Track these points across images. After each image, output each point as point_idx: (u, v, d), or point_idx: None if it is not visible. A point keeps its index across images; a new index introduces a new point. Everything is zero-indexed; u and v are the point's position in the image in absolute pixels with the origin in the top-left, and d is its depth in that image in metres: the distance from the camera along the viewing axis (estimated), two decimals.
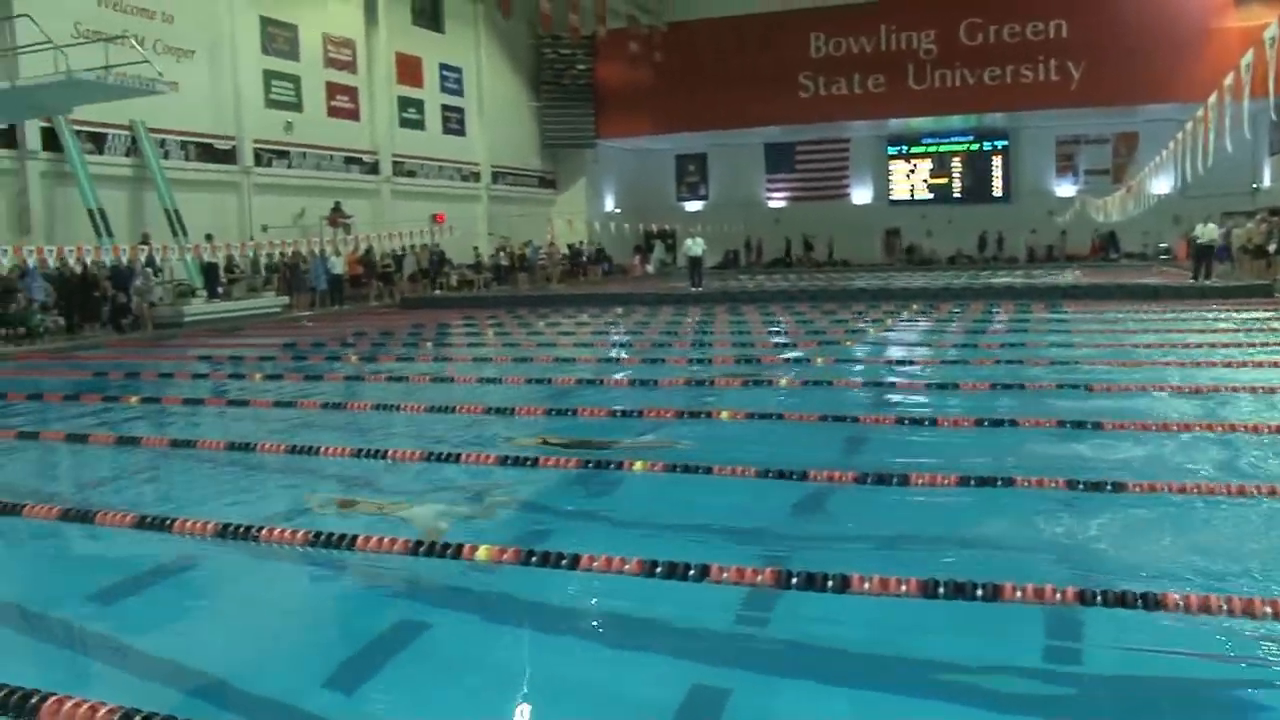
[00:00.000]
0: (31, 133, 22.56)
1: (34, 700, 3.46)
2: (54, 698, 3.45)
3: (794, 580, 4.53)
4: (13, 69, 20.63)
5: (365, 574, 5.45)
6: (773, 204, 46.42)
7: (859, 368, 12.88)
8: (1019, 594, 4.28)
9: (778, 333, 17.80)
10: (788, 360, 13.68)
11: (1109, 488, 6.16)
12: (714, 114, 40.79)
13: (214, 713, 4.00)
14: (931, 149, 44.13)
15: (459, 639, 4.68)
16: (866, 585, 4.42)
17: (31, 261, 19.60)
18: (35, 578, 6.05)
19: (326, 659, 4.51)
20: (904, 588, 4.38)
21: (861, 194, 45.06)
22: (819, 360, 13.29)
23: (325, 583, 5.60)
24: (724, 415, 9.15)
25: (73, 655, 4.77)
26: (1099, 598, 4.22)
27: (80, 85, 19.61)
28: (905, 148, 44.38)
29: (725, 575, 4.60)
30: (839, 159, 45.17)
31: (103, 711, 3.35)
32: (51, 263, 20.08)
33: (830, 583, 4.46)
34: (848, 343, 15.85)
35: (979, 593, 4.30)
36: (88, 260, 20.76)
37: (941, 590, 4.32)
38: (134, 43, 21.60)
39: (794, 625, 4.65)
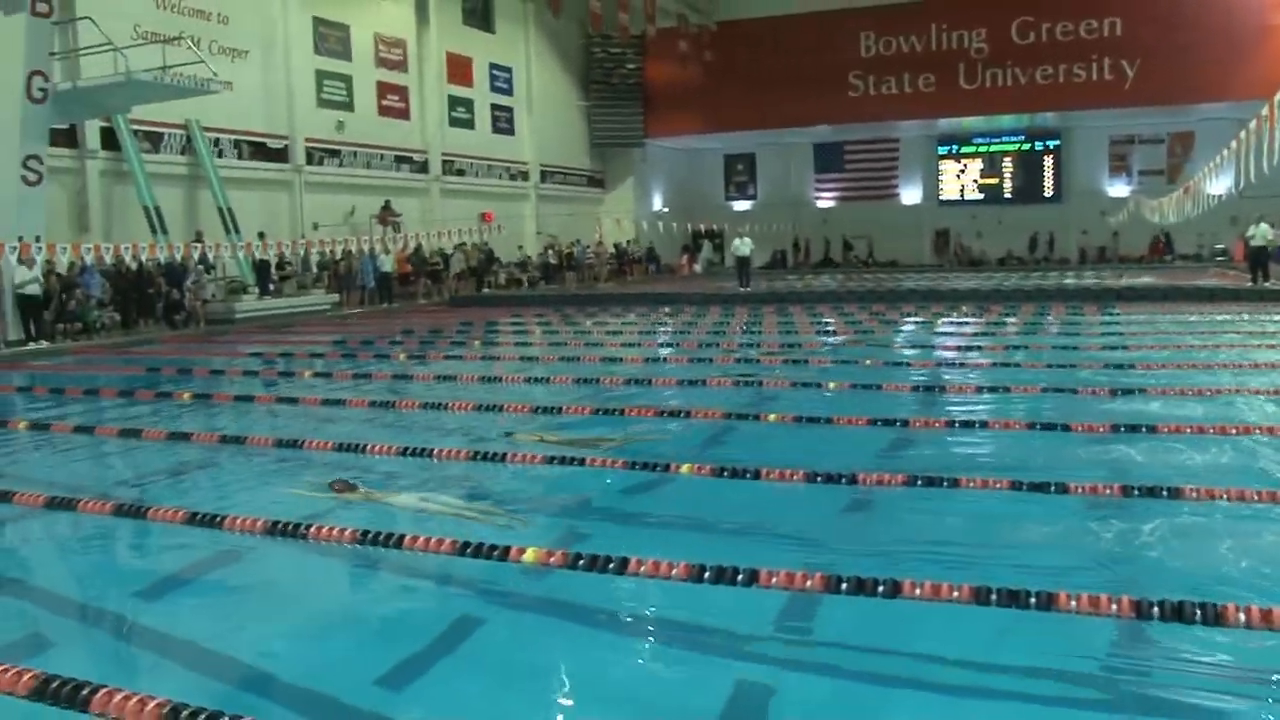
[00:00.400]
0: (91, 132, 22.93)
1: (85, 692, 3.49)
2: (104, 689, 3.47)
3: (844, 585, 4.46)
4: (75, 70, 21.03)
5: (413, 573, 5.45)
6: (821, 204, 46.20)
7: (908, 370, 12.74)
8: (1073, 603, 4.18)
9: (826, 334, 17.68)
10: (836, 362, 13.58)
11: (1165, 493, 6.03)
12: (763, 113, 40.69)
13: (260, 709, 4.00)
14: (982, 149, 43.69)
15: (506, 641, 4.67)
16: (917, 591, 4.34)
17: (89, 258, 19.90)
18: (89, 571, 6.10)
19: (373, 658, 4.50)
20: (955, 594, 4.30)
21: (911, 194, 44.72)
22: (867, 362, 13.17)
23: (373, 581, 5.61)
24: (772, 418, 9.08)
25: (123, 648, 4.80)
26: (1156, 609, 4.11)
27: (138, 85, 20.00)
28: (955, 147, 43.98)
29: (774, 580, 4.55)
30: (888, 159, 44.88)
31: (151, 705, 3.36)
32: (108, 260, 20.38)
33: (881, 588, 4.39)
34: (897, 345, 15.70)
35: (1032, 601, 4.21)
36: (143, 257, 21.04)
37: (994, 597, 4.23)
38: (190, 43, 21.96)
39: (843, 631, 4.58)
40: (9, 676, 3.67)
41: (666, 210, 45.50)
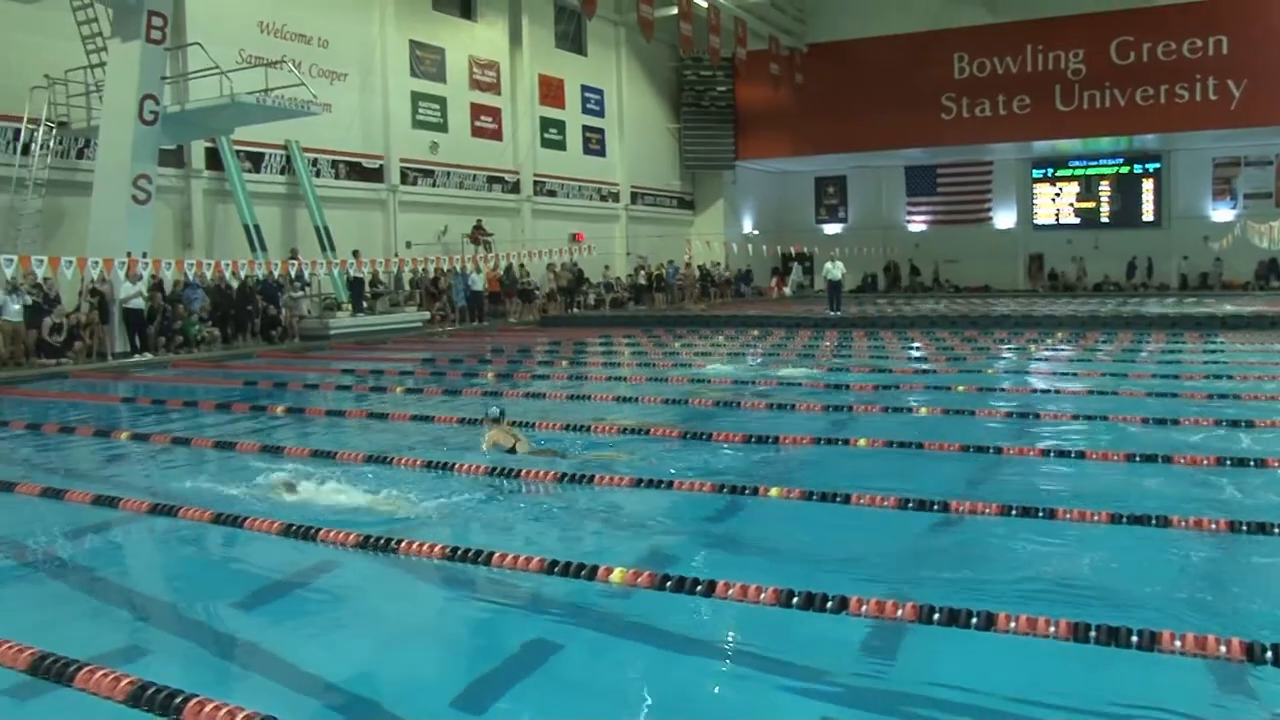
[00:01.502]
0: (196, 152, 23.66)
1: (178, 700, 3.55)
2: (196, 699, 3.53)
3: (936, 616, 4.36)
4: (183, 94, 21.72)
5: (499, 590, 5.47)
6: (913, 227, 45.67)
7: (1002, 397, 12.49)
8: (1178, 643, 4.02)
9: (917, 359, 17.44)
10: (928, 388, 13.38)
11: (1277, 530, 5.81)
12: (854, 136, 40.40)
13: None
14: (1079, 172, 42.76)
15: (590, 662, 4.64)
16: (1012, 625, 4.23)
17: (191, 274, 20.48)
18: (185, 579, 6.23)
19: (457, 674, 4.52)
20: (1052, 629, 4.17)
21: (1004, 218, 43.96)
22: (960, 388, 12.94)
23: (459, 597, 5.63)
24: (862, 443, 8.96)
25: (214, 657, 4.87)
26: (1269, 654, 3.93)
27: (242, 107, 20.60)
28: (1051, 170, 43.12)
29: (864, 608, 4.47)
30: (981, 182, 44.20)
31: (240, 716, 3.41)
32: (209, 276, 20.94)
33: (974, 620, 4.28)
34: (989, 370, 15.43)
35: (1134, 640, 4.06)
36: (242, 274, 21.58)
37: (1093, 635, 4.10)
38: (291, 67, 22.53)
39: (933, 663, 4.47)
40: (107, 681, 3.75)
41: (756, 232, 45.38)
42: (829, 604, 4.54)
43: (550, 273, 33.01)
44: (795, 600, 4.60)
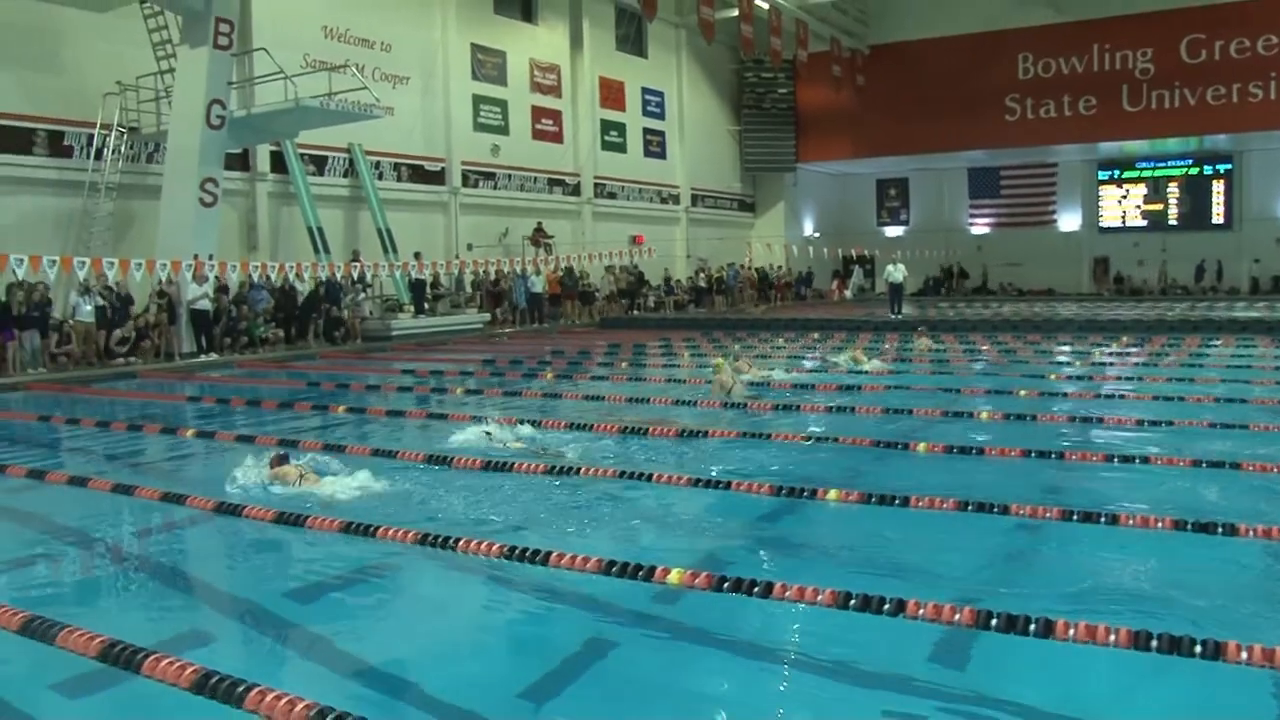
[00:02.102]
0: (261, 156, 24.08)
1: (240, 689, 3.63)
2: (258, 688, 3.61)
3: (994, 621, 4.33)
4: (249, 98, 22.11)
5: (555, 589, 5.50)
6: (975, 230, 45.18)
7: (1065, 401, 12.32)
8: (1244, 655, 3.94)
9: (978, 363, 17.26)
10: (990, 392, 13.24)
11: None
12: (916, 138, 40.10)
13: (400, 717, 4.10)
14: (1146, 173, 42.07)
15: (646, 662, 4.65)
16: (1072, 632, 4.17)
17: (256, 276, 20.83)
18: (250, 574, 6.36)
19: (513, 672, 4.56)
20: (1112, 638, 4.11)
21: (1069, 220, 43.35)
22: (1022, 392, 12.79)
23: (515, 596, 5.67)
24: (921, 447, 8.89)
25: (275, 648, 4.98)
26: None
27: (306, 111, 20.93)
28: (1117, 172, 42.47)
29: (922, 611, 4.44)
30: (1046, 184, 43.61)
31: (300, 706, 3.47)
32: (274, 277, 21.29)
33: (1033, 626, 4.24)
34: (1052, 375, 15.22)
35: (1197, 650, 3.99)
36: (306, 276, 21.91)
37: (1155, 644, 4.03)
38: (355, 71, 22.86)
39: (992, 669, 4.43)
40: (174, 669, 3.85)
41: (817, 235, 45.18)
42: (887, 607, 4.52)
43: (610, 275, 33.11)
44: (853, 603, 4.59)
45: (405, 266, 24.75)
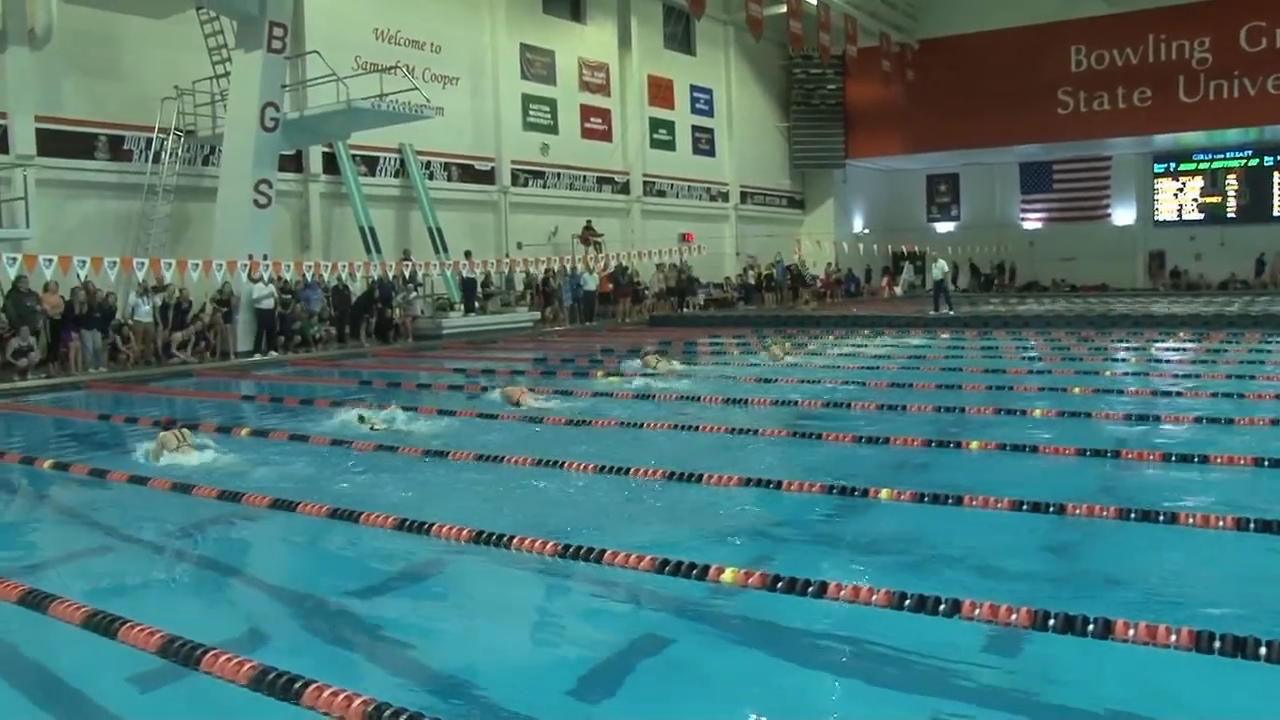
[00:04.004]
0: (314, 157, 24.33)
1: (298, 685, 3.66)
2: (314, 684, 3.63)
3: (1051, 622, 4.25)
4: (302, 100, 22.34)
5: (609, 588, 5.51)
6: (1028, 225, 44.59)
7: (1120, 399, 12.13)
8: None
9: (1031, 359, 17.05)
10: (1043, 389, 13.07)
11: None
12: (967, 132, 39.67)
13: (455, 713, 4.11)
14: (1203, 166, 41.25)
15: (700, 661, 4.64)
16: (1131, 632, 4.09)
17: (310, 276, 21.06)
18: (304, 570, 6.43)
19: (565, 670, 4.56)
20: (1174, 638, 4.02)
21: (1123, 215, 42.64)
22: (1076, 390, 12.60)
23: (569, 594, 5.69)
24: (974, 445, 8.79)
25: (330, 645, 5.01)
26: None
27: (358, 113, 21.13)
28: (1173, 165, 41.67)
29: (978, 611, 4.38)
30: (1099, 178, 42.92)
31: (357, 703, 3.49)
32: (327, 276, 21.51)
33: (1091, 626, 4.16)
34: (1108, 372, 14.99)
35: (1262, 651, 3.90)
36: (359, 275, 22.10)
37: (1218, 645, 3.93)
38: (405, 72, 23.04)
39: (1048, 670, 4.37)
40: (231, 665, 3.89)
41: (867, 231, 44.88)
42: (941, 607, 4.46)
43: (659, 273, 33.10)
44: (907, 603, 4.53)
45: (456, 265, 24.91)
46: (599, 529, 6.62)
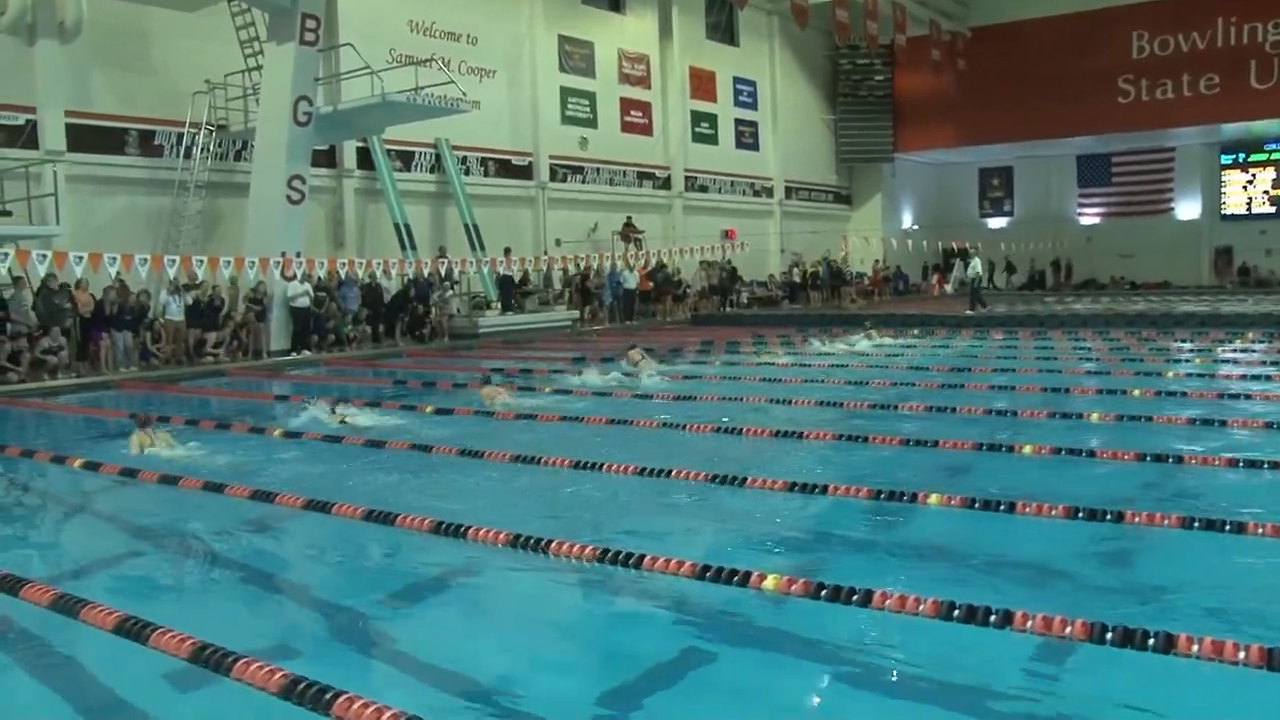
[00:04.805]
0: (348, 152, 24.51)
1: (329, 696, 3.68)
2: (345, 695, 3.65)
3: (1109, 635, 4.19)
4: (335, 94, 22.51)
5: (648, 594, 5.50)
6: (1085, 220, 44.05)
7: (1184, 402, 11.96)
8: None
9: (1088, 360, 16.86)
10: (1100, 392, 12.91)
11: None
12: (1021, 124, 39.18)
13: None
14: (1276, 155, 40.47)
15: (740, 671, 4.63)
16: (1195, 648, 4.02)
17: (344, 273, 21.20)
18: (337, 575, 6.47)
19: (602, 679, 4.56)
20: (1242, 655, 3.95)
21: (1188, 208, 41.95)
22: (1136, 392, 12.45)
23: (607, 600, 5.70)
24: (1027, 449, 8.71)
25: (362, 653, 5.04)
26: None
27: (392, 106, 21.24)
28: (1242, 155, 40.91)
29: (1030, 623, 4.33)
30: (1162, 170, 42.22)
31: (387, 715, 3.51)
32: (361, 274, 21.64)
33: (1152, 641, 4.10)
34: (1170, 373, 14.79)
35: None
36: (394, 273, 22.23)
37: None
38: (441, 65, 23.13)
39: (1106, 687, 4.30)
40: (262, 673, 3.92)
41: (916, 227, 44.57)
42: (992, 618, 4.42)
43: (702, 270, 33.04)
44: (956, 613, 4.50)
45: (493, 263, 24.98)
46: (639, 533, 6.61)
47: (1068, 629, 4.29)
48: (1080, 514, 6.34)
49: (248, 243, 20.13)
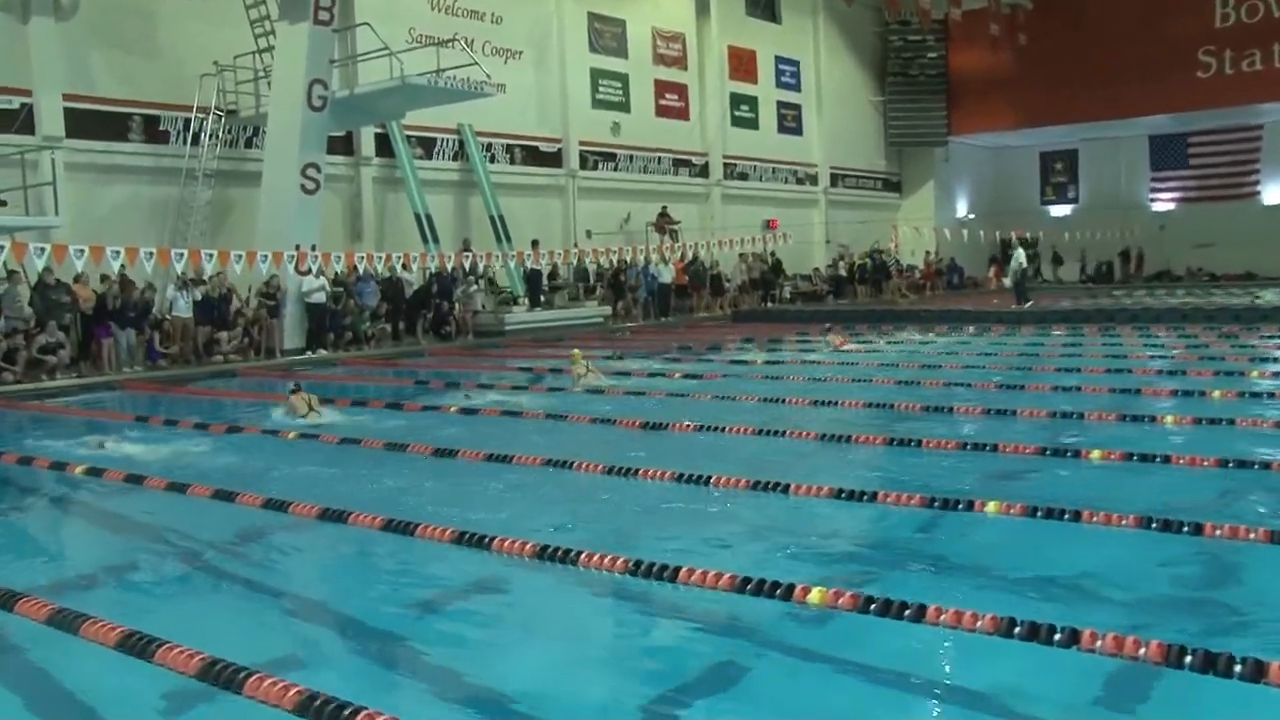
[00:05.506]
0: (366, 139, 24.63)
1: (347, 712, 3.70)
2: (365, 711, 3.67)
3: (1188, 659, 4.12)
4: (352, 78, 22.60)
5: (684, 608, 5.49)
6: (1158, 206, 43.48)
7: (1271, 404, 11.80)
8: None
9: (1162, 359, 16.69)
10: (1175, 392, 12.78)
11: None
12: (1087, 103, 38.67)
13: None
14: None
15: (783, 690, 4.61)
16: None
17: (362, 268, 21.28)
18: (354, 586, 6.48)
19: (634, 698, 4.53)
20: None
21: (1277, 192, 41.15)
22: (1216, 394, 12.30)
23: (640, 614, 5.69)
24: (1094, 455, 8.63)
25: (382, 668, 5.05)
26: None
27: (412, 90, 21.28)
28: None
29: (1100, 643, 4.28)
30: (1247, 150, 41.36)
31: None
32: (380, 269, 21.72)
33: (1238, 667, 4.01)
34: (1255, 373, 14.61)
35: None
36: (414, 267, 22.31)
37: None
38: (464, 45, 23.14)
39: (1183, 714, 4.24)
40: (276, 689, 3.94)
41: (971, 216, 44.29)
42: (1057, 637, 4.37)
43: (742, 263, 32.98)
44: (1017, 630, 4.45)
45: (520, 256, 25.02)
46: (674, 543, 6.59)
47: (1141, 651, 4.23)
48: (1154, 524, 6.26)
49: (260, 235, 20.23)
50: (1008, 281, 41.23)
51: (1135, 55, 37.09)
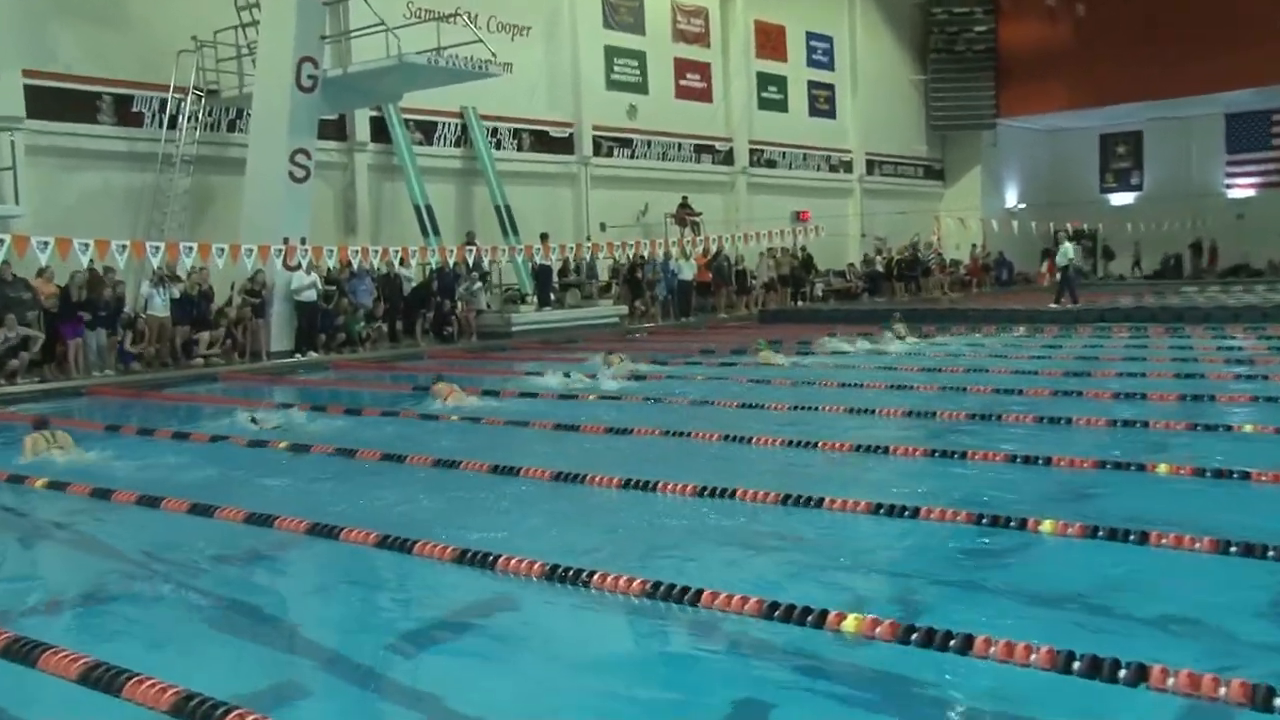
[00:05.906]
0: (361, 123, 24.65)
1: None
2: None
3: (1278, 700, 4.04)
4: (345, 55, 22.59)
5: (707, 634, 5.47)
6: (1235, 193, 43.12)
7: None
8: None
9: (1240, 363, 16.56)
10: (1255, 400, 12.68)
11: None
12: (1154, 79, 38.26)
13: None
14: None
15: None
16: None
17: (356, 263, 21.23)
18: (347, 610, 6.48)
19: None
20: None
21: None
22: None
23: (659, 641, 5.67)
24: (1162, 469, 8.56)
25: (376, 700, 5.03)
26: None
27: (411, 69, 21.25)
28: None
29: (1171, 681, 4.20)
30: None
31: None
32: (377, 264, 21.68)
33: None
34: None
35: None
36: (414, 262, 22.30)
37: None
38: (467, 20, 23.09)
39: None
40: None
41: (1022, 206, 44.17)
42: (1122, 673, 4.30)
43: (770, 259, 32.95)
44: (1076, 665, 4.39)
45: (528, 251, 25.01)
46: (696, 563, 6.56)
47: (1221, 690, 4.13)
48: (1232, 548, 6.17)
49: (244, 227, 20.26)
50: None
51: (1210, 23, 36.60)
